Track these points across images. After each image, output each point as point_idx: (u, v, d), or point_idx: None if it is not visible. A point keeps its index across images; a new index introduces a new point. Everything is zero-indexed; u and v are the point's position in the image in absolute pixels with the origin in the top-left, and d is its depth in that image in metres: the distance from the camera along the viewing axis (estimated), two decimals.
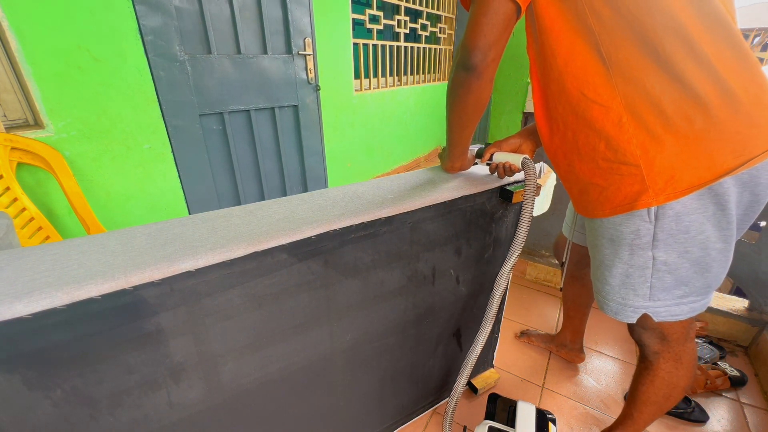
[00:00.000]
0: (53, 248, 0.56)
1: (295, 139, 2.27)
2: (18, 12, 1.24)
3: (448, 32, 4.03)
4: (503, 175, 0.88)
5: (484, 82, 0.69)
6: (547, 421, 0.96)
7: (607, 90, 0.63)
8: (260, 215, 0.68)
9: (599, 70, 0.63)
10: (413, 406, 1.14)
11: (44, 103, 1.34)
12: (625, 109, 0.63)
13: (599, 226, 0.75)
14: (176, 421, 0.66)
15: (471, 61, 0.66)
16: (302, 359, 0.78)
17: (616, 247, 0.73)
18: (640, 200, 0.65)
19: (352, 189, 0.82)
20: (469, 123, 0.78)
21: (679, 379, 0.85)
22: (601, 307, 0.83)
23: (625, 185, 0.66)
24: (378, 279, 0.82)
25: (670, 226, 0.66)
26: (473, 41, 0.65)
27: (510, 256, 0.89)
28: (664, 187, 0.63)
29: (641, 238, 0.69)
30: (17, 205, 1.25)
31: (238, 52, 1.87)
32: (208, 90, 1.81)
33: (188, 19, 1.67)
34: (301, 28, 2.04)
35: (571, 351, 1.37)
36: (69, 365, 0.52)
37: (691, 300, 0.74)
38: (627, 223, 0.69)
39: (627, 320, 0.79)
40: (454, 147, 0.87)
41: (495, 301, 0.92)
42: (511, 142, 0.92)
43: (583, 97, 0.66)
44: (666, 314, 0.75)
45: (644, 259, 0.71)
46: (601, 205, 0.72)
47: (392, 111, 3.39)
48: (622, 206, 0.68)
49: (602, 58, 0.63)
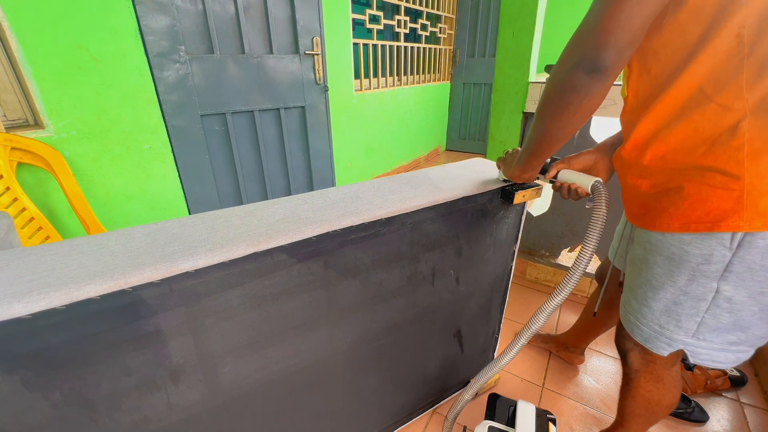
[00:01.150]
0: (53, 248, 0.56)
1: (301, 141, 2.22)
2: (18, 12, 1.24)
3: (448, 32, 4.03)
4: (567, 197, 0.78)
5: (607, 86, 0.55)
6: (547, 421, 0.95)
7: (733, 87, 0.52)
8: (260, 216, 0.68)
9: (732, 60, 0.51)
10: (413, 406, 1.14)
11: (44, 103, 1.34)
12: (750, 111, 0.51)
13: (658, 241, 0.64)
14: (176, 422, 0.65)
15: (602, 62, 0.52)
16: (302, 360, 0.78)
17: (673, 268, 0.62)
18: (727, 221, 0.54)
19: (352, 189, 0.82)
20: (569, 134, 0.64)
21: (661, 398, 0.80)
22: (629, 329, 0.75)
23: (714, 199, 0.55)
24: (378, 280, 0.82)
25: (753, 258, 0.55)
26: (609, 35, 0.50)
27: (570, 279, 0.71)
28: (765, 211, 0.52)
29: (711, 264, 0.58)
30: (17, 205, 1.25)
31: (242, 52, 1.84)
32: (210, 90, 1.80)
33: (190, 18, 1.66)
34: (309, 27, 1.99)
35: (572, 354, 1.36)
36: (68, 366, 0.52)
37: (741, 349, 0.64)
38: (699, 243, 0.58)
39: (658, 351, 0.70)
40: (535, 157, 0.73)
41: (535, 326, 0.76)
42: (584, 159, 0.79)
43: (700, 94, 0.54)
44: (707, 358, 0.66)
45: (705, 289, 0.60)
46: (669, 216, 0.60)
47: (392, 111, 3.39)
48: (700, 223, 0.57)
49: (741, 45, 0.50)
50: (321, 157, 2.35)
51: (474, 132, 4.46)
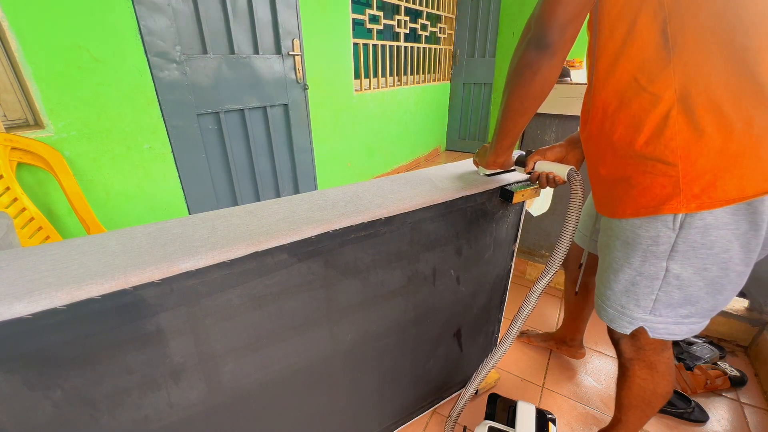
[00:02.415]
0: (53, 248, 0.56)
1: (285, 137, 2.32)
2: (18, 12, 1.24)
3: (448, 32, 4.04)
4: (545, 185, 0.84)
5: (556, 62, 0.63)
6: (547, 421, 0.96)
7: (662, 77, 0.57)
8: (260, 215, 0.68)
9: (659, 53, 0.56)
10: (413, 406, 1.14)
11: (44, 103, 1.34)
12: (677, 100, 0.56)
13: (616, 227, 0.70)
14: (176, 422, 0.66)
15: (547, 39, 0.60)
16: (302, 359, 0.78)
17: (628, 250, 0.68)
18: (668, 204, 0.60)
19: (352, 189, 0.82)
20: (529, 110, 0.71)
21: (655, 386, 0.82)
22: (598, 311, 0.81)
23: (656, 185, 0.61)
24: (378, 279, 0.82)
25: (694, 238, 0.60)
26: (551, 16, 0.58)
27: (548, 270, 0.80)
28: (699, 193, 0.57)
29: (659, 245, 0.64)
30: (17, 205, 1.25)
31: (231, 52, 1.89)
32: (205, 89, 1.82)
33: (184, 19, 1.68)
34: (289, 29, 2.09)
35: (571, 347, 1.37)
36: (69, 365, 0.52)
37: (693, 321, 0.70)
38: (647, 226, 0.64)
39: (621, 330, 0.75)
40: (504, 137, 0.78)
41: (522, 317, 0.84)
42: (557, 151, 0.85)
43: (634, 83, 0.60)
44: (664, 332, 0.72)
45: (656, 269, 0.66)
46: (623, 204, 0.66)
47: (392, 111, 3.39)
48: (646, 208, 0.62)
49: (666, 40, 0.55)
50: (303, 151, 2.45)
51: (474, 132, 4.46)
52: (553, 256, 0.79)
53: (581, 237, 1.09)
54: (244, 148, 2.11)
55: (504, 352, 0.89)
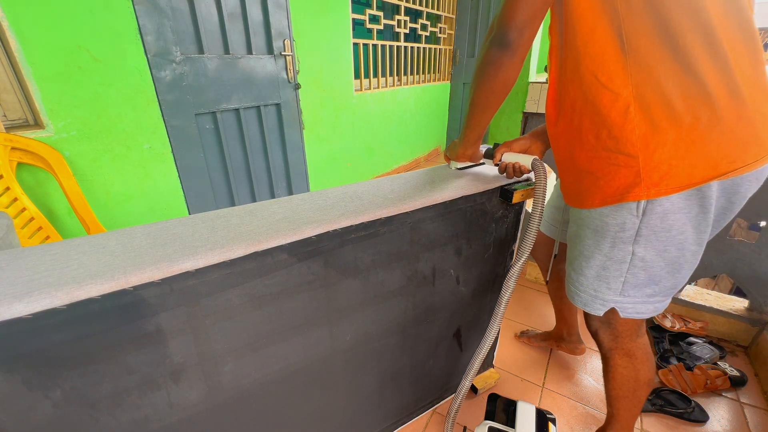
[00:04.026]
0: (53, 248, 0.56)
1: (279, 136, 2.34)
2: (18, 12, 1.24)
3: (448, 32, 4.03)
4: (512, 176, 0.88)
5: (516, 60, 0.69)
6: (547, 421, 0.96)
7: (620, 76, 0.62)
8: (260, 215, 0.68)
9: (616, 55, 0.62)
10: (413, 406, 1.14)
11: (44, 103, 1.34)
12: (634, 98, 0.62)
13: (586, 217, 0.75)
14: (176, 422, 0.66)
15: (506, 38, 0.65)
16: (302, 359, 0.78)
17: (598, 238, 0.73)
18: (631, 192, 0.65)
19: (352, 189, 0.82)
20: (493, 104, 0.77)
21: (637, 373, 0.87)
22: (571, 298, 0.85)
23: (620, 176, 0.66)
24: (378, 279, 0.82)
25: (655, 222, 0.66)
26: (510, 17, 0.64)
27: (519, 256, 0.88)
28: (658, 181, 0.63)
29: (625, 231, 0.69)
30: (17, 205, 1.25)
31: (227, 52, 1.91)
32: (202, 89, 1.83)
33: (182, 19, 1.69)
34: (280, 30, 2.11)
35: (570, 343, 1.37)
36: (69, 365, 0.52)
37: (657, 299, 0.76)
38: (614, 214, 0.69)
39: (595, 312, 0.80)
40: (471, 130, 0.84)
41: (503, 302, 0.91)
42: (521, 143, 0.91)
43: (596, 81, 0.65)
44: (632, 311, 0.77)
45: (624, 253, 0.71)
46: (591, 195, 0.71)
47: (392, 111, 3.39)
48: (613, 197, 0.68)
49: (622, 43, 0.61)
50: (295, 150, 2.47)
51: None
52: (523, 242, 0.86)
53: (550, 228, 1.16)
54: (240, 147, 2.14)
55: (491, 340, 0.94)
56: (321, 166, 2.71)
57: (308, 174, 2.60)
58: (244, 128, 2.10)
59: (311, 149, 2.57)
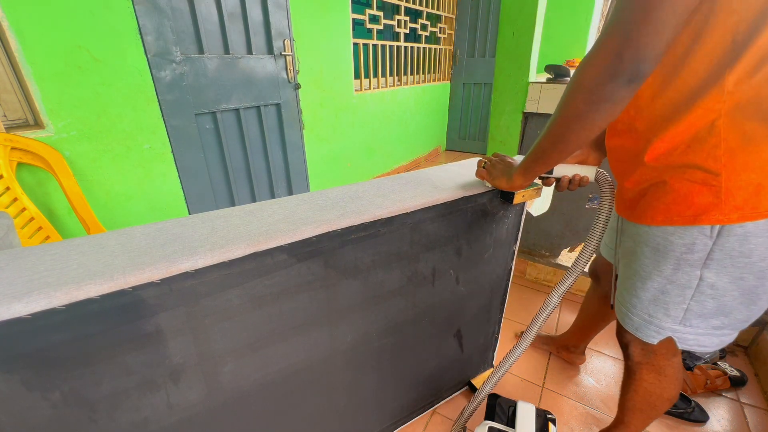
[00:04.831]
0: (53, 248, 0.56)
1: (278, 136, 2.35)
2: (18, 12, 1.24)
3: (448, 32, 4.03)
4: (574, 188, 0.80)
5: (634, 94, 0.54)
6: (547, 421, 0.95)
7: (716, 91, 0.54)
8: (260, 215, 0.68)
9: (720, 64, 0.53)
10: (413, 406, 1.14)
11: (44, 103, 1.34)
12: (725, 112, 0.53)
13: (644, 233, 0.67)
14: (175, 423, 0.65)
15: (642, 72, 0.50)
16: (302, 360, 0.78)
17: (659, 258, 0.65)
18: (708, 215, 0.57)
19: (352, 189, 0.82)
20: (585, 142, 0.63)
21: (662, 391, 0.81)
22: (621, 320, 0.78)
23: (695, 194, 0.57)
24: (378, 279, 0.82)
25: (732, 246, 0.58)
26: (648, 42, 0.47)
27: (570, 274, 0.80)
28: (743, 204, 0.55)
29: (694, 253, 0.61)
30: (17, 205, 1.25)
31: (227, 52, 1.90)
32: (202, 89, 1.83)
33: (182, 19, 1.68)
34: (280, 30, 2.11)
35: (573, 354, 1.36)
36: (68, 366, 0.52)
37: (725, 333, 0.67)
38: (681, 233, 0.61)
39: (648, 340, 0.73)
40: (543, 164, 0.71)
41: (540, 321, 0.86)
42: (575, 154, 0.82)
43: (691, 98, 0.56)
44: (693, 343, 0.69)
45: (689, 277, 0.63)
46: (653, 210, 0.63)
47: (392, 111, 3.39)
48: (681, 216, 0.59)
49: (734, 47, 0.51)
50: (296, 150, 2.47)
51: (474, 132, 4.46)
52: (578, 258, 0.79)
53: (608, 251, 1.01)
54: (240, 147, 2.14)
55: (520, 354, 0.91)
56: (321, 166, 2.71)
57: (308, 174, 2.60)
58: (244, 128, 2.10)
59: (311, 149, 2.57)
